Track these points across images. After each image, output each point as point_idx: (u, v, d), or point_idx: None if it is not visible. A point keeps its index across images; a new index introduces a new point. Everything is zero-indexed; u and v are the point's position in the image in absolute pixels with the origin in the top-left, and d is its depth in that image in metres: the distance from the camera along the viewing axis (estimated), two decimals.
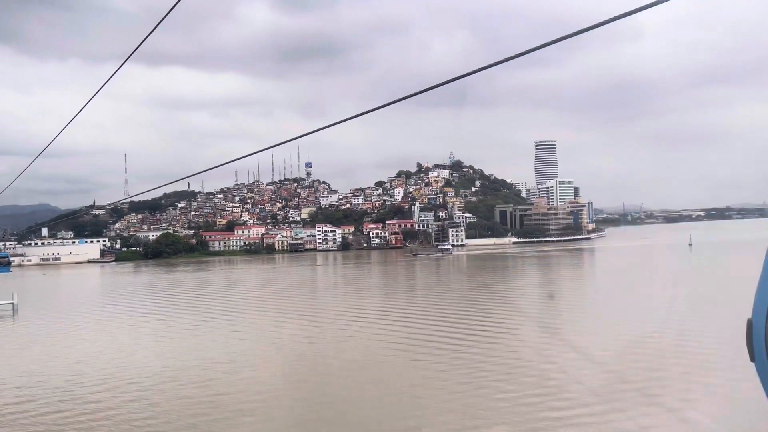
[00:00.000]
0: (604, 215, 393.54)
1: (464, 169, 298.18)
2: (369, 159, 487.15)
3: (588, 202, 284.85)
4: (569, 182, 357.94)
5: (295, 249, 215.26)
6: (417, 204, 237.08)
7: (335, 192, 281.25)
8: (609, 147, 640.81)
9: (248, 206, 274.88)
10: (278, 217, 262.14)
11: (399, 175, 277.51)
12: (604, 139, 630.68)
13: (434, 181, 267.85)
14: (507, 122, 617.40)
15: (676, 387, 30.31)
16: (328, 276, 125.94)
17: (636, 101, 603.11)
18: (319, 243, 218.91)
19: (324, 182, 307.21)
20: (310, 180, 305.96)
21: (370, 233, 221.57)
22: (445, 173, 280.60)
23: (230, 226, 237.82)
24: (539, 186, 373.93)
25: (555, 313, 58.42)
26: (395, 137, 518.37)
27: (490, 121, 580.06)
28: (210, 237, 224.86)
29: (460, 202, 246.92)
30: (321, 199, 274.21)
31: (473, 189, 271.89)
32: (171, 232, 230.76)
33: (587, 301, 67.34)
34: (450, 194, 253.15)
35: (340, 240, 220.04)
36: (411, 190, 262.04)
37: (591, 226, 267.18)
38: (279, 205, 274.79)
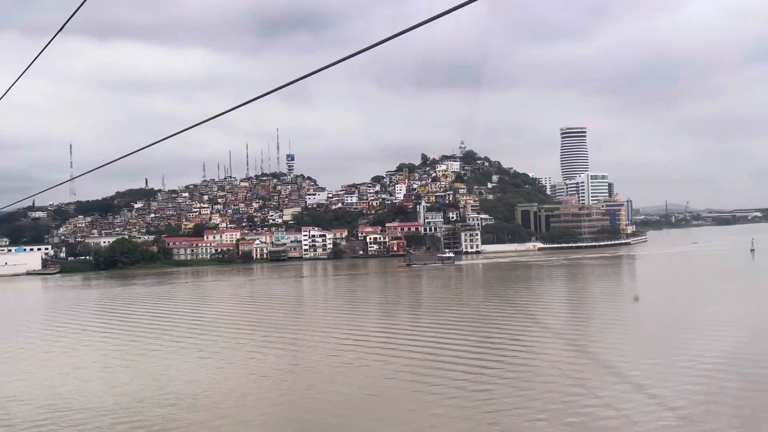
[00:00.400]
0: (643, 216, 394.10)
1: (478, 162, 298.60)
2: (364, 150, 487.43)
3: (627, 201, 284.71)
4: (603, 177, 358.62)
5: (277, 257, 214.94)
6: (422, 203, 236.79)
7: (323, 189, 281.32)
8: (647, 135, 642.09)
9: (219, 207, 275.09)
10: (256, 219, 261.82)
11: (400, 168, 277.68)
12: (641, 125, 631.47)
13: (443, 175, 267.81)
14: (527, 106, 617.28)
15: (734, 425, 29.14)
16: (317, 290, 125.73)
17: (679, 81, 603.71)
18: (306, 250, 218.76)
19: (309, 178, 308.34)
20: (292, 175, 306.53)
21: (367, 238, 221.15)
22: (456, 166, 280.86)
23: (198, 231, 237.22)
24: (567, 181, 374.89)
25: (600, 336, 57.38)
26: (395, 124, 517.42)
27: (508, 104, 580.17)
28: (174, 243, 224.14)
29: (474, 201, 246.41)
30: (307, 197, 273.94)
31: (489, 185, 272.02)
32: (127, 237, 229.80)
33: (636, 321, 66.48)
34: (462, 191, 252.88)
35: (330, 246, 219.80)
36: (415, 186, 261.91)
37: (630, 229, 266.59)
38: (256, 205, 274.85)
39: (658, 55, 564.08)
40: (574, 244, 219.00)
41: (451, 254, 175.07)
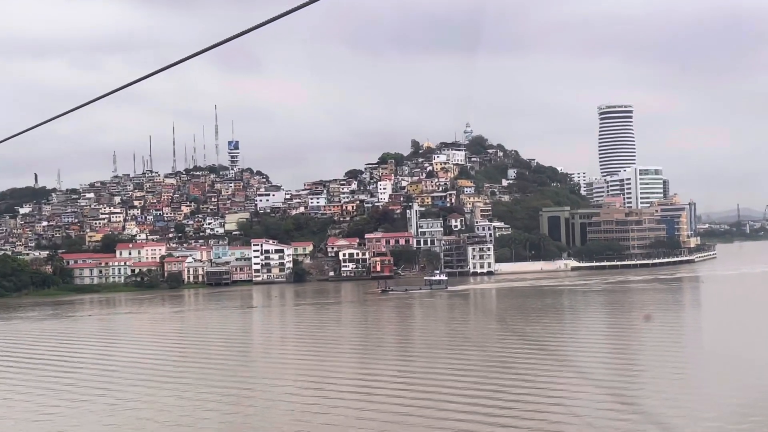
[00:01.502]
0: (707, 225, 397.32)
1: (489, 151, 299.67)
2: (333, 135, 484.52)
3: (688, 204, 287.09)
4: (656, 171, 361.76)
5: (218, 281, 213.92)
6: (414, 206, 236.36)
7: (279, 188, 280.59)
8: (711, 117, 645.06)
9: (136, 212, 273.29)
10: (187, 229, 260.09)
11: (384, 160, 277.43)
12: (702, 104, 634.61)
13: (442, 169, 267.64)
14: (551, 77, 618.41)
15: None
16: (272, 325, 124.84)
17: (752, 44, 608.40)
18: (257, 271, 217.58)
19: (259, 173, 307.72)
20: (236, 169, 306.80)
21: (340, 254, 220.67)
22: (459, 156, 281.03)
23: (108, 245, 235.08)
24: (608, 178, 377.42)
25: (653, 387, 57.27)
26: (375, 100, 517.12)
27: (525, 74, 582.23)
28: (75, 262, 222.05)
29: (485, 204, 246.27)
30: (257, 199, 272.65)
31: (505, 182, 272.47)
32: (9, 254, 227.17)
33: (703, 371, 66.84)
34: (468, 190, 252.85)
35: (290, 266, 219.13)
36: (404, 184, 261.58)
37: (693, 242, 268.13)
38: (187, 209, 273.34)
39: (725, 10, 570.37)
40: (619, 262, 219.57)
41: (443, 277, 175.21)
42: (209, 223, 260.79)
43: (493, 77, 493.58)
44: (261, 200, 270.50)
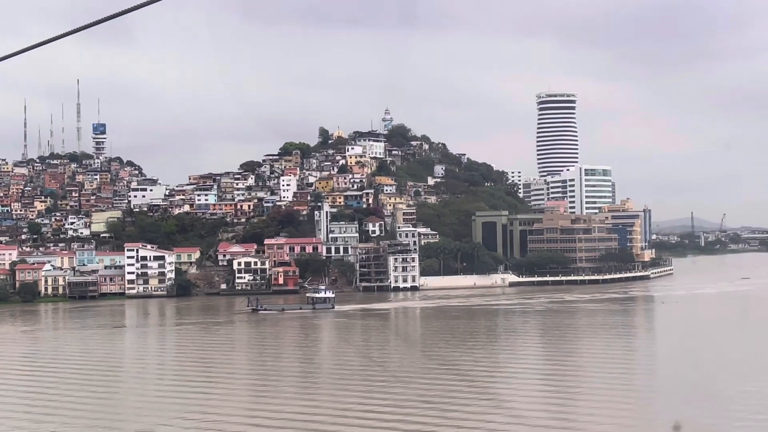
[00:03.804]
0: (655, 236, 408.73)
1: (412, 144, 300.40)
2: (225, 120, 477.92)
3: (643, 210, 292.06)
4: (604, 171, 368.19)
5: (83, 294, 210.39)
6: (325, 207, 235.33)
7: (155, 182, 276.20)
8: (658, 111, 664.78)
9: None
10: (44, 229, 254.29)
11: (287, 151, 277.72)
12: (648, 96, 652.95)
13: (357, 163, 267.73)
14: (482, 58, 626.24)
15: None
16: (146, 351, 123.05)
17: (708, 28, 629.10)
18: (131, 282, 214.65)
19: (131, 163, 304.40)
20: (103, 157, 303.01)
21: (234, 263, 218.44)
22: (378, 149, 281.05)
23: None
24: (549, 178, 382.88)
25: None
26: (275, 81, 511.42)
27: (453, 55, 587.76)
28: None
29: (408, 205, 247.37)
30: (131, 195, 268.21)
31: (431, 180, 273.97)
32: None
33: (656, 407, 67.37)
34: (388, 189, 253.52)
35: (172, 276, 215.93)
36: (312, 179, 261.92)
37: (647, 255, 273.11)
38: (41, 206, 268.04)
39: None
40: (564, 277, 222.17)
41: (330, 294, 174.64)
42: (72, 223, 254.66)
43: (417, 58, 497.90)
44: (135, 196, 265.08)
